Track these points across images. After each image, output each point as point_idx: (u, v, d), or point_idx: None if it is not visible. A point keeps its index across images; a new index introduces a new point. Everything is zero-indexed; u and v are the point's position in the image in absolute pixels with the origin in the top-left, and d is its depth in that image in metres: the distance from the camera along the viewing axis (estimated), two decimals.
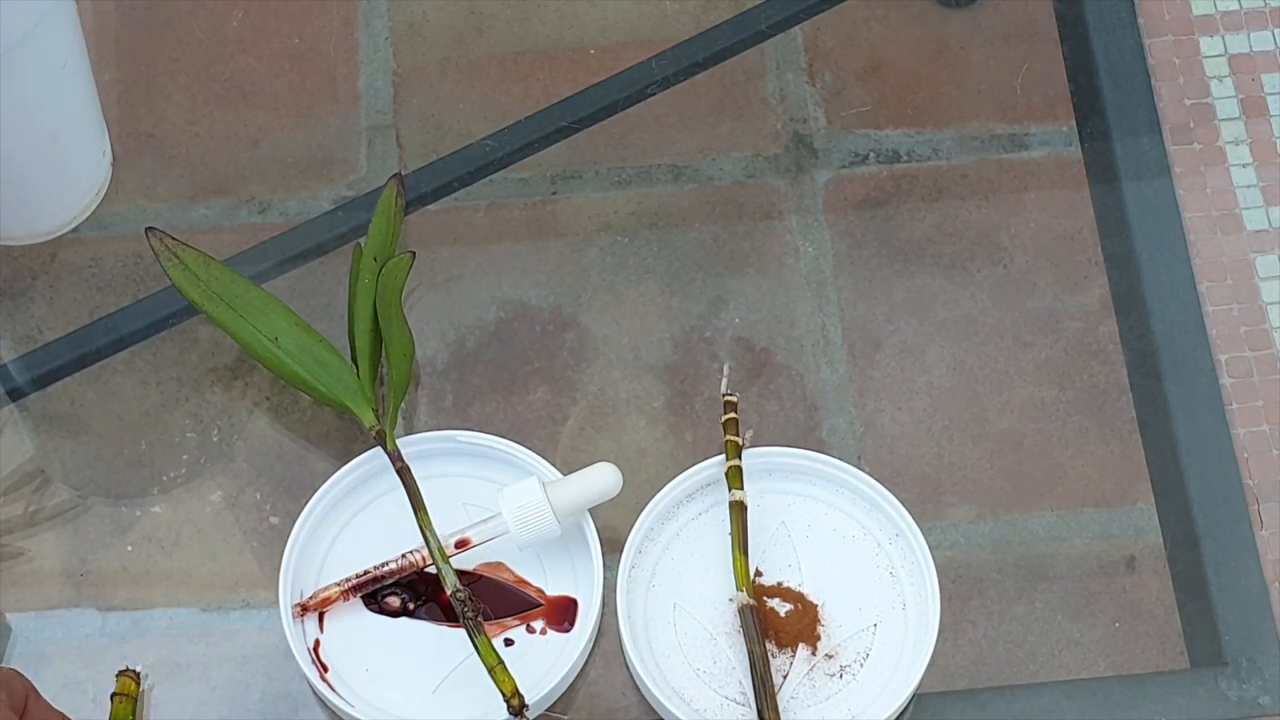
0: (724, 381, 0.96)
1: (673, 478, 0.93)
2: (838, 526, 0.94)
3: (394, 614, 0.92)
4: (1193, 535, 0.94)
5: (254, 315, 0.95)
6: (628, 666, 0.91)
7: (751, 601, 0.90)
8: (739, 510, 0.92)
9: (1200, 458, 0.96)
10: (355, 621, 0.92)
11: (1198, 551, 0.94)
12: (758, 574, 0.93)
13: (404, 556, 0.91)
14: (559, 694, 0.91)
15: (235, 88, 1.06)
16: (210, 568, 0.94)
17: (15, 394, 0.98)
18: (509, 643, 0.91)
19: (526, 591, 0.92)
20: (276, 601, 0.92)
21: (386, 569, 0.92)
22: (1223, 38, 1.08)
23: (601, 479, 0.91)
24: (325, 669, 0.91)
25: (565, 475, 0.93)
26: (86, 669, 0.92)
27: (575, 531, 0.93)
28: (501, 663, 0.87)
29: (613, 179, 1.04)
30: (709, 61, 1.07)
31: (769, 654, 0.90)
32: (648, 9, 1.09)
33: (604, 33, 1.08)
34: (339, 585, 0.92)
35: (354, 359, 0.95)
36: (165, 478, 0.96)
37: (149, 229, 0.95)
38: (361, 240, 0.97)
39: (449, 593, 0.88)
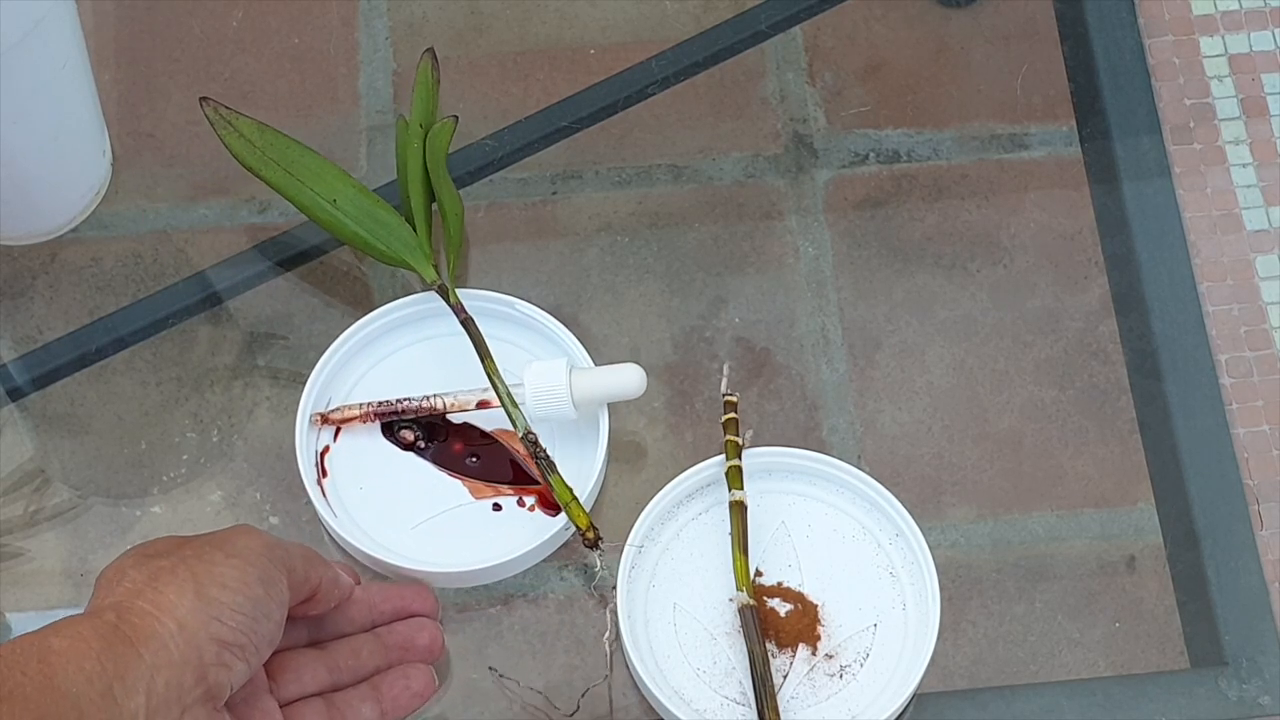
0: (724, 381, 0.96)
1: (673, 478, 0.94)
2: (838, 526, 0.94)
3: (405, 447, 0.95)
4: (1193, 535, 0.94)
5: (311, 179, 0.98)
6: (628, 666, 0.91)
7: (751, 601, 0.90)
8: (739, 510, 0.92)
9: (1200, 458, 0.96)
10: (367, 441, 0.96)
11: (1198, 551, 0.94)
12: (758, 574, 0.93)
13: (426, 399, 0.95)
14: (522, 568, 0.93)
15: (235, 88, 1.06)
16: None
17: (15, 394, 0.98)
18: (497, 507, 0.94)
19: (530, 468, 0.94)
20: None
21: (410, 404, 0.95)
22: (1223, 38, 1.08)
23: (626, 377, 0.93)
24: (325, 474, 0.94)
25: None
26: None
27: (590, 430, 0.94)
28: (576, 499, 0.91)
29: (613, 179, 1.04)
30: (709, 61, 1.07)
31: (769, 654, 0.90)
32: (648, 9, 1.09)
33: (604, 33, 1.08)
34: (360, 406, 0.95)
35: (409, 221, 0.98)
36: (165, 478, 0.96)
37: (203, 99, 0.97)
38: (404, 114, 0.99)
39: (520, 435, 0.92)
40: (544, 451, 0.92)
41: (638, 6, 1.09)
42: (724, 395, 0.95)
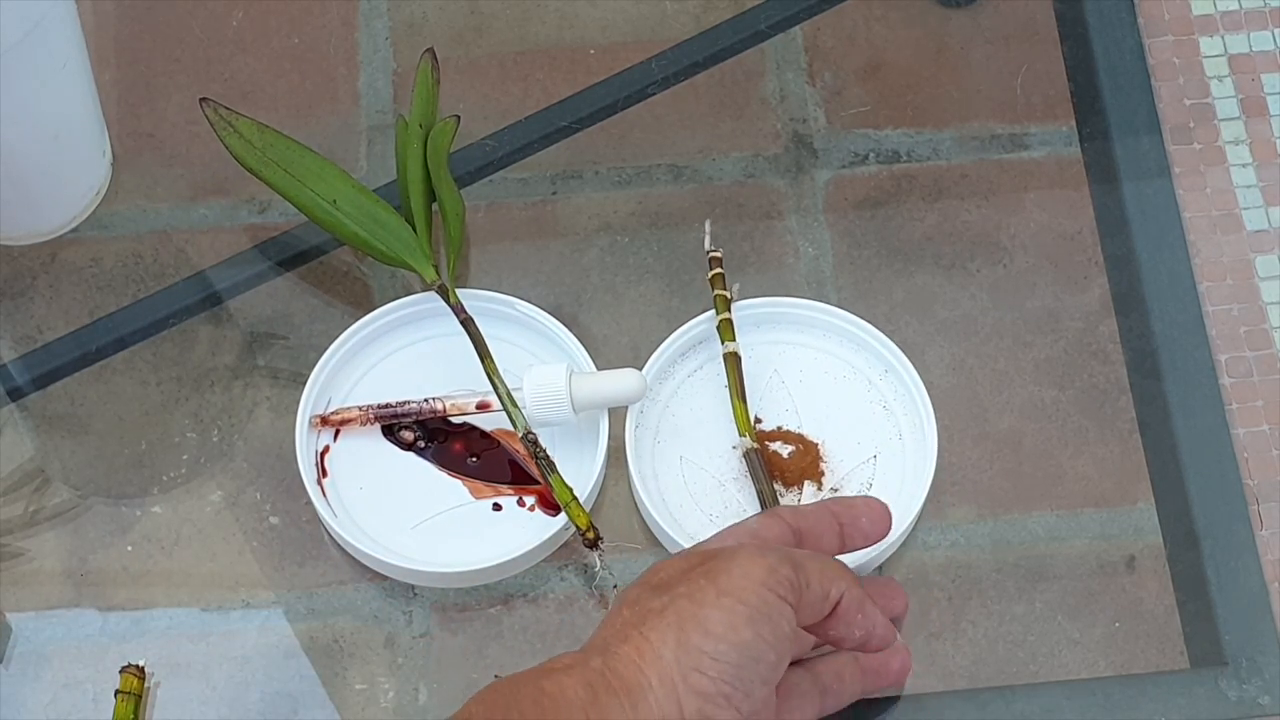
0: (706, 239, 0.98)
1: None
2: (829, 369, 0.97)
3: (405, 447, 0.95)
4: (1193, 535, 0.94)
5: (311, 180, 0.98)
6: (641, 515, 0.93)
7: (755, 445, 0.92)
8: (734, 361, 0.94)
9: (1200, 458, 0.96)
10: (367, 441, 0.96)
11: (1198, 551, 0.94)
12: (756, 421, 0.95)
13: (427, 401, 0.95)
14: (521, 568, 0.93)
15: (235, 88, 1.06)
16: (210, 568, 0.94)
17: (15, 394, 0.98)
18: (497, 507, 0.94)
19: (530, 468, 0.94)
20: (277, 601, 0.92)
21: (409, 407, 0.95)
22: (1223, 38, 1.08)
23: (626, 383, 0.93)
24: (325, 474, 0.95)
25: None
26: (86, 669, 0.92)
27: (590, 430, 0.94)
28: (576, 499, 0.91)
29: (613, 179, 1.04)
30: (709, 61, 1.07)
31: (777, 493, 0.92)
32: (648, 9, 1.09)
33: (604, 33, 1.08)
34: (360, 408, 0.95)
35: (409, 221, 0.98)
36: (165, 478, 0.96)
37: (203, 99, 0.97)
38: (404, 114, 0.99)
39: (520, 435, 0.92)
40: (544, 451, 0.92)
41: (638, 6, 1.09)
42: (708, 252, 0.97)
